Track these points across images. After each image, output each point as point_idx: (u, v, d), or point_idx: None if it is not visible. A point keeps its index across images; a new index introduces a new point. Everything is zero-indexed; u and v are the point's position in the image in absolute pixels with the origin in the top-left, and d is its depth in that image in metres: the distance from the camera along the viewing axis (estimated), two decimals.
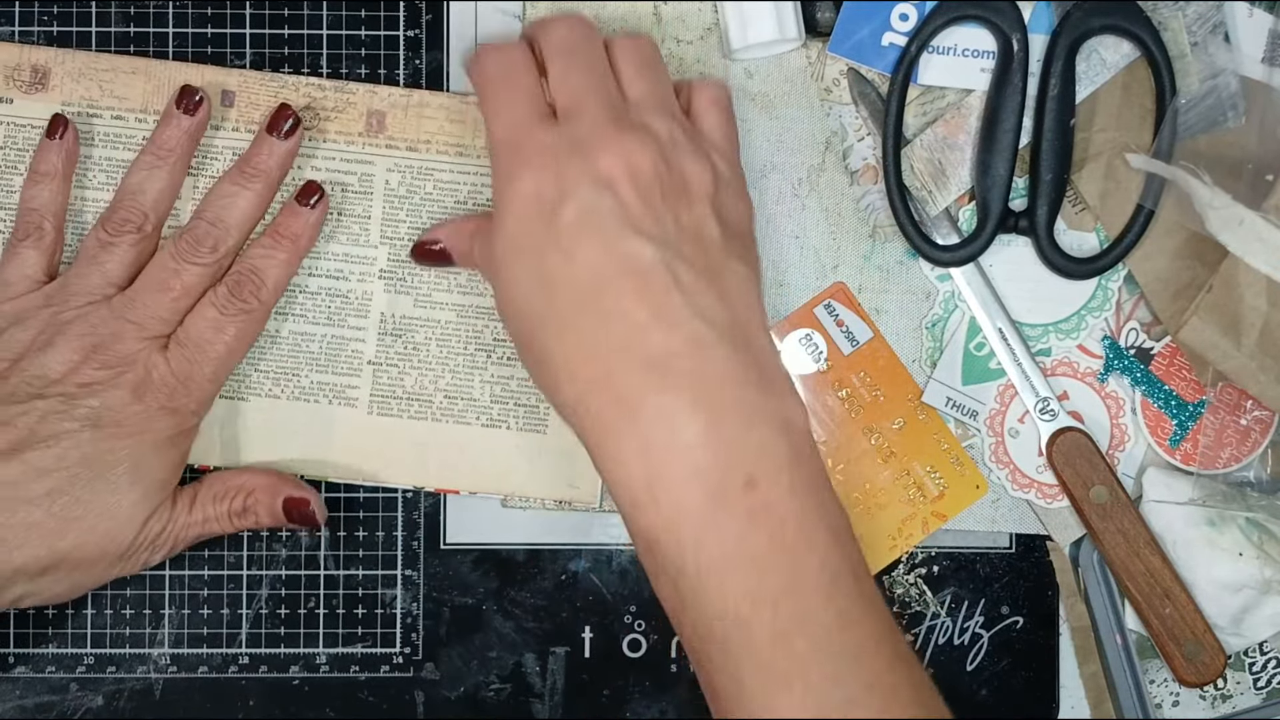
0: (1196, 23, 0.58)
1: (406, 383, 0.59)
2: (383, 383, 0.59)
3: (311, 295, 0.59)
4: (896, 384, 0.60)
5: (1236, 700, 0.61)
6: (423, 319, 0.59)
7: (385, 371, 0.59)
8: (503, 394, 0.59)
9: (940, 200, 0.60)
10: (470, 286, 0.59)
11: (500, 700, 0.61)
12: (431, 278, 0.59)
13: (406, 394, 0.59)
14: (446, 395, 0.59)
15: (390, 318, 0.59)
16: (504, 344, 0.59)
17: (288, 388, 0.59)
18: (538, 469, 0.59)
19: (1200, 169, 0.56)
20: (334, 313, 0.59)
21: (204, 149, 0.59)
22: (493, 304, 0.54)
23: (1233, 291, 0.56)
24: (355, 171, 0.59)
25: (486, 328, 0.59)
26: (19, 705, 0.60)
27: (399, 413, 0.59)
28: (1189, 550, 0.58)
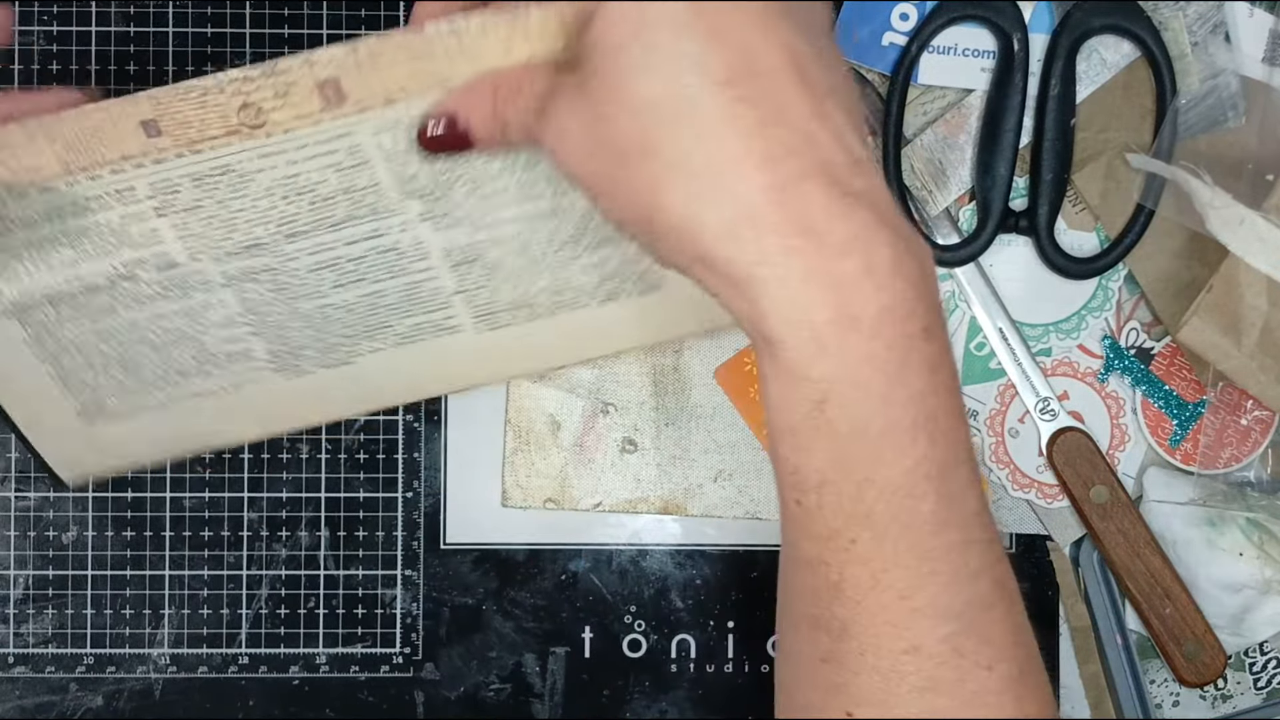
0: (1197, 23, 0.58)
1: (502, 297, 0.55)
2: (479, 304, 0.55)
3: (359, 260, 0.53)
4: None
5: (1236, 700, 0.61)
6: (489, 240, 0.53)
7: (475, 295, 0.55)
8: (606, 273, 0.54)
9: (940, 200, 0.60)
10: (524, 195, 0.52)
11: (500, 700, 0.61)
12: (479, 202, 0.52)
13: (508, 305, 0.55)
14: (550, 292, 0.55)
15: (454, 250, 0.53)
16: (585, 233, 0.53)
17: (387, 339, 0.56)
18: (672, 316, 0.55)
19: (1200, 169, 0.56)
20: (392, 266, 0.54)
21: (164, 184, 0.51)
22: (559, 203, 0.49)
23: (1233, 291, 0.56)
24: (338, 149, 0.50)
25: (559, 226, 0.53)
26: (19, 705, 0.60)
27: (509, 322, 0.56)
28: (1189, 550, 0.59)
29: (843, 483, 0.41)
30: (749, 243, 0.39)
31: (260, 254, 0.54)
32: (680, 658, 0.61)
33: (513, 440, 0.61)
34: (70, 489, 0.60)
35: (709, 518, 0.61)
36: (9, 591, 0.60)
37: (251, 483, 0.61)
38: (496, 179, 0.52)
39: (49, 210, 0.52)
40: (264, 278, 0.54)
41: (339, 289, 0.55)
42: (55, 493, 0.60)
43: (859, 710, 0.42)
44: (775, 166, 0.39)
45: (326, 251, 0.54)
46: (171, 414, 0.57)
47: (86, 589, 0.60)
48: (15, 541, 0.60)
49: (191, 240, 0.53)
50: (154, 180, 0.51)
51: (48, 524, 0.60)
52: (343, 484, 0.61)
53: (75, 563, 0.60)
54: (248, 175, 0.51)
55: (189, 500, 0.61)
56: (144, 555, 0.61)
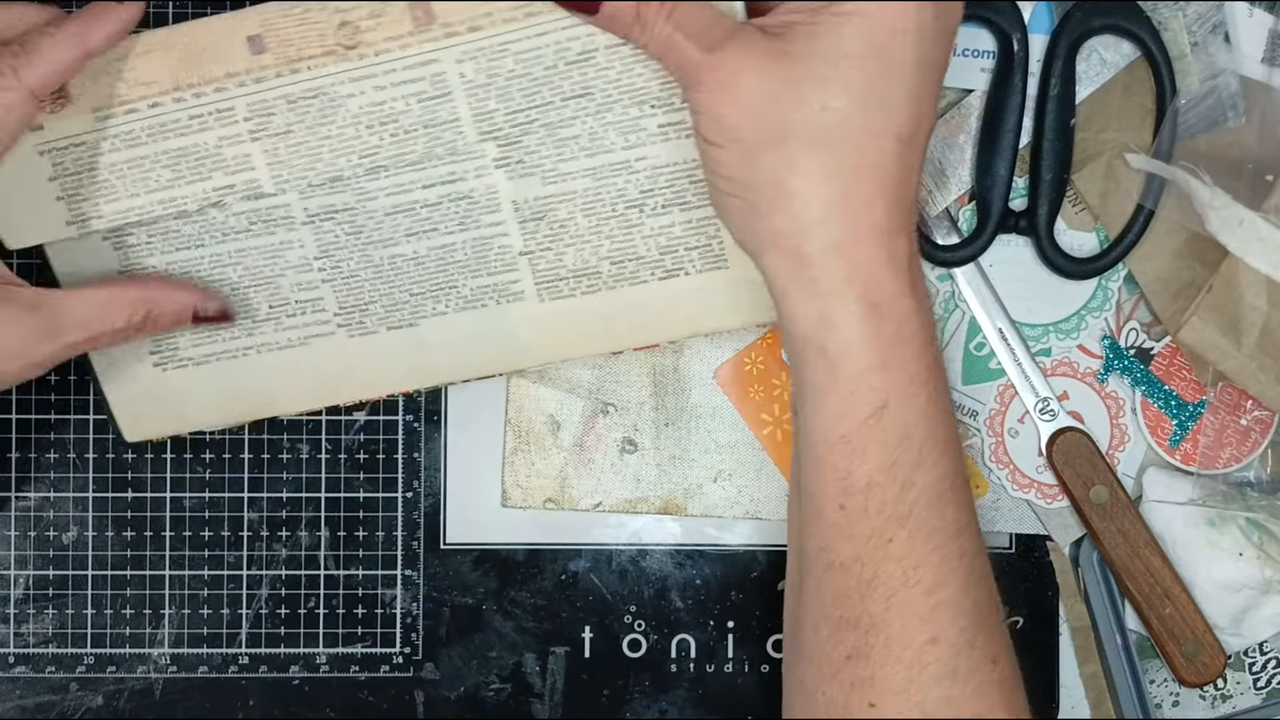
0: (1196, 23, 0.58)
1: (567, 261, 0.56)
2: (542, 268, 0.56)
3: (434, 207, 0.55)
4: None
5: (1236, 700, 0.61)
6: (558, 194, 0.55)
7: (540, 258, 0.56)
8: (669, 243, 0.56)
9: (940, 200, 0.60)
10: (595, 145, 0.54)
11: (500, 700, 0.61)
12: (552, 149, 0.54)
13: (571, 272, 0.56)
14: (612, 261, 0.56)
15: (524, 203, 0.55)
16: (652, 193, 0.55)
17: (452, 301, 0.57)
18: (731, 302, 0.56)
19: (1200, 169, 0.56)
20: (464, 216, 0.56)
21: (260, 105, 0.54)
22: (628, 157, 0.54)
23: (1233, 291, 0.56)
24: (423, 76, 0.53)
25: (629, 181, 0.55)
26: (19, 705, 0.60)
27: (570, 292, 0.57)
28: (1189, 550, 0.59)
29: (889, 485, 0.47)
30: (843, 265, 0.46)
31: (341, 190, 0.55)
32: (680, 658, 0.61)
33: (513, 440, 0.61)
34: (128, 445, 0.59)
35: (709, 518, 0.61)
36: (9, 591, 0.60)
37: (251, 483, 0.61)
38: (570, 125, 0.54)
39: (153, 128, 0.54)
40: (342, 218, 0.56)
41: (411, 237, 0.56)
42: (55, 493, 0.60)
43: (881, 700, 0.47)
44: (893, 216, 0.46)
45: (404, 194, 0.55)
46: (239, 368, 0.58)
47: (87, 589, 0.61)
48: (15, 541, 0.60)
49: (280, 168, 0.55)
50: (252, 101, 0.54)
51: (48, 524, 0.60)
52: (343, 484, 0.61)
53: (75, 563, 0.60)
54: (338, 100, 0.54)
55: (189, 500, 0.61)
56: (144, 555, 0.61)
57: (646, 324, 0.57)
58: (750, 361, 0.60)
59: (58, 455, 0.60)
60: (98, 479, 0.60)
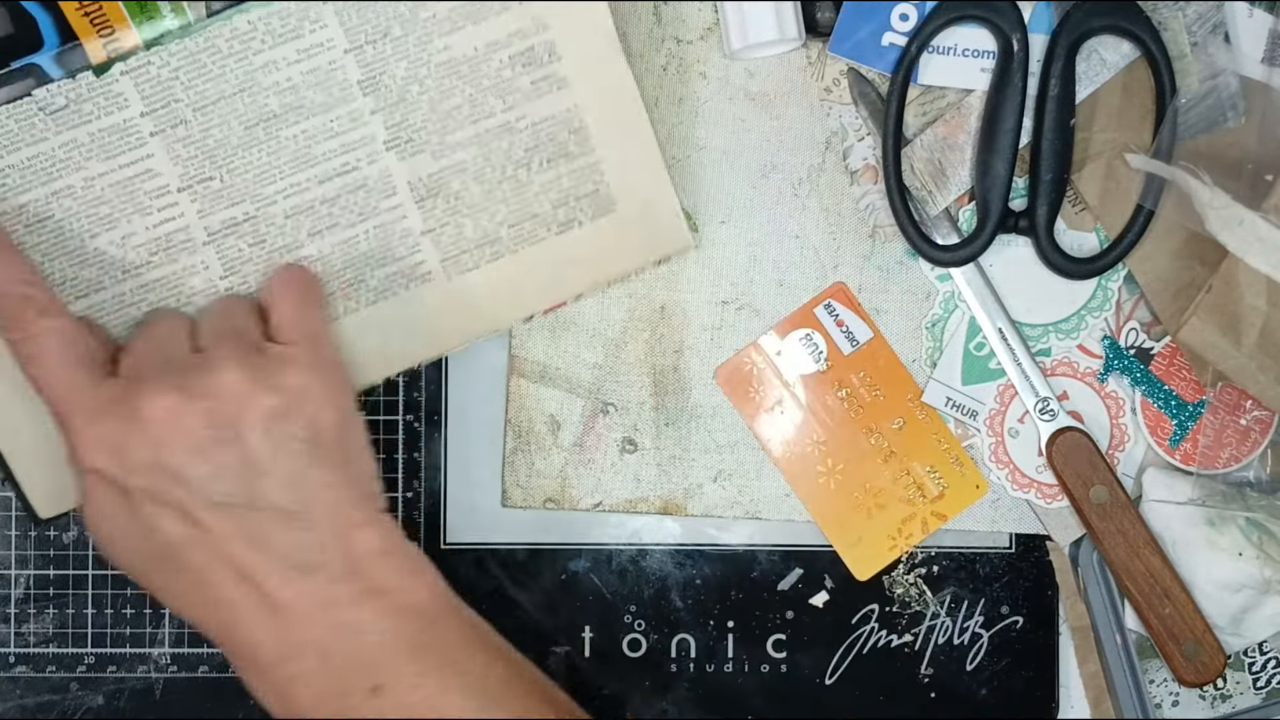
0: (1196, 23, 0.58)
1: (467, 233, 0.57)
2: (445, 244, 0.57)
3: (332, 201, 0.56)
4: (896, 384, 0.60)
5: (1236, 700, 0.61)
6: (450, 166, 0.56)
7: (441, 233, 0.57)
8: (560, 196, 0.57)
9: (940, 200, 0.60)
10: (476, 112, 0.56)
11: None
12: (437, 123, 0.56)
13: (473, 243, 0.57)
14: (510, 225, 0.57)
15: (418, 181, 0.56)
16: (536, 149, 0.56)
17: (363, 296, 0.57)
18: (626, 244, 0.58)
19: (1200, 169, 0.56)
20: (363, 206, 0.56)
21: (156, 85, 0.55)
22: (509, 118, 0.55)
23: (1232, 291, 0.56)
24: (301, 32, 0.54)
25: (513, 142, 0.56)
26: (19, 705, 0.60)
27: (475, 264, 0.57)
28: (1189, 550, 0.59)
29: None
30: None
31: (240, 200, 0.56)
32: (680, 657, 0.61)
33: (512, 440, 0.61)
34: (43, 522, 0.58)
35: (709, 518, 0.61)
36: (9, 591, 0.60)
37: None
38: (450, 95, 0.55)
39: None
40: (244, 229, 0.56)
41: (314, 237, 0.56)
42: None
43: None
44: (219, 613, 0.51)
45: (301, 194, 0.56)
46: None
47: (87, 589, 0.61)
48: (15, 541, 0.60)
49: (182, 166, 0.55)
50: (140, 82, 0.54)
51: (48, 524, 0.60)
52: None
53: (76, 562, 0.60)
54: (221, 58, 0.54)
55: None
56: None
57: (552, 282, 0.58)
58: (750, 362, 0.60)
59: None
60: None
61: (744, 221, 0.60)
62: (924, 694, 0.61)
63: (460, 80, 0.55)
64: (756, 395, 0.60)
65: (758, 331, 0.60)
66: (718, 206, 0.60)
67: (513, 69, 0.55)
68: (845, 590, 0.61)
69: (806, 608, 0.61)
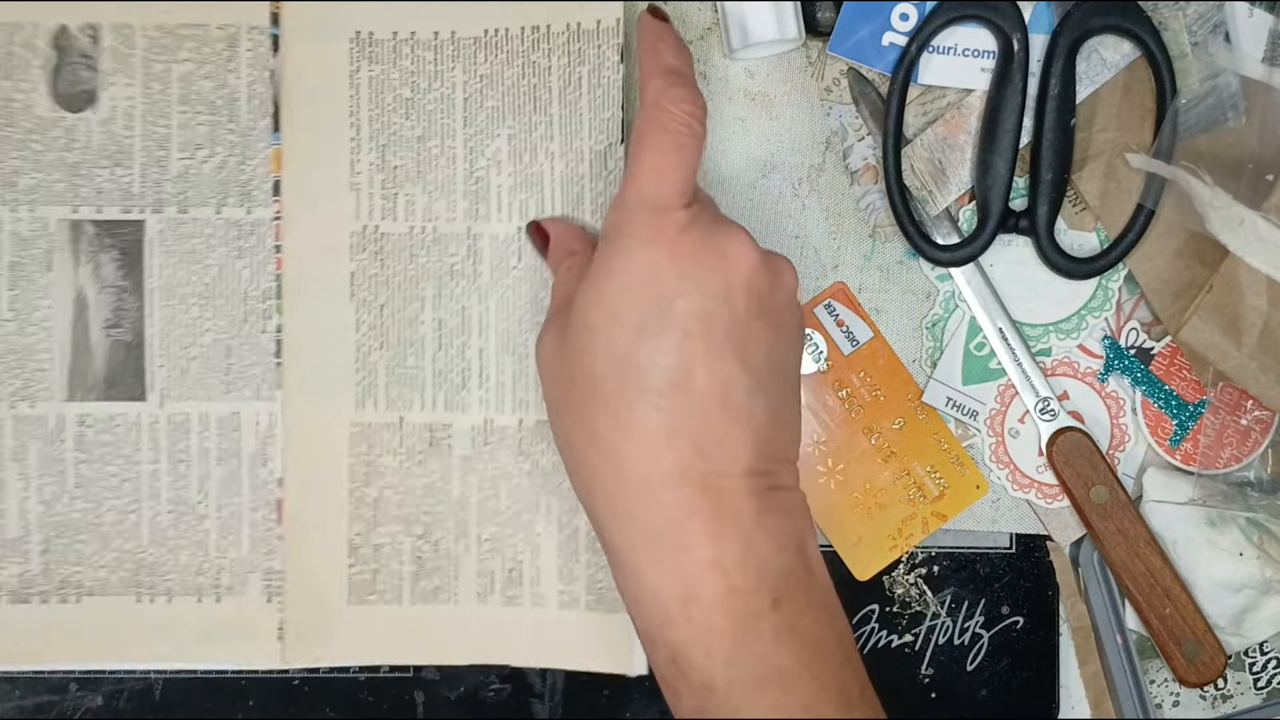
0: (1197, 22, 0.58)
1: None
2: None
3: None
4: (896, 384, 0.60)
5: (1236, 700, 0.61)
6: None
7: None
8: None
9: (940, 200, 0.60)
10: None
11: (500, 700, 0.61)
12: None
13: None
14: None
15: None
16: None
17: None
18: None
19: (1200, 169, 0.56)
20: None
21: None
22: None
23: (1233, 291, 0.56)
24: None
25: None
26: (19, 705, 0.60)
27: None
28: (1189, 550, 0.59)
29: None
30: (621, 532, 0.48)
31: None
32: None
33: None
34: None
35: None
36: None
37: None
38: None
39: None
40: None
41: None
42: None
43: None
44: (653, 468, 0.47)
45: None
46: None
47: None
48: None
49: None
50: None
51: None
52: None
53: None
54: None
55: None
56: None
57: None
58: None
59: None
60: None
61: (744, 221, 0.60)
62: (924, 694, 0.61)
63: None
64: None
65: None
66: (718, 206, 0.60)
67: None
68: (845, 590, 0.61)
69: None
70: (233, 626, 0.58)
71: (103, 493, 0.58)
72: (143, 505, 0.58)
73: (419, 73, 0.58)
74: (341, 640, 0.58)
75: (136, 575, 0.58)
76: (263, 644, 0.58)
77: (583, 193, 0.57)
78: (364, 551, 0.58)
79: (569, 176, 0.57)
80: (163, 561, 0.58)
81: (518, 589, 0.58)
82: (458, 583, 0.58)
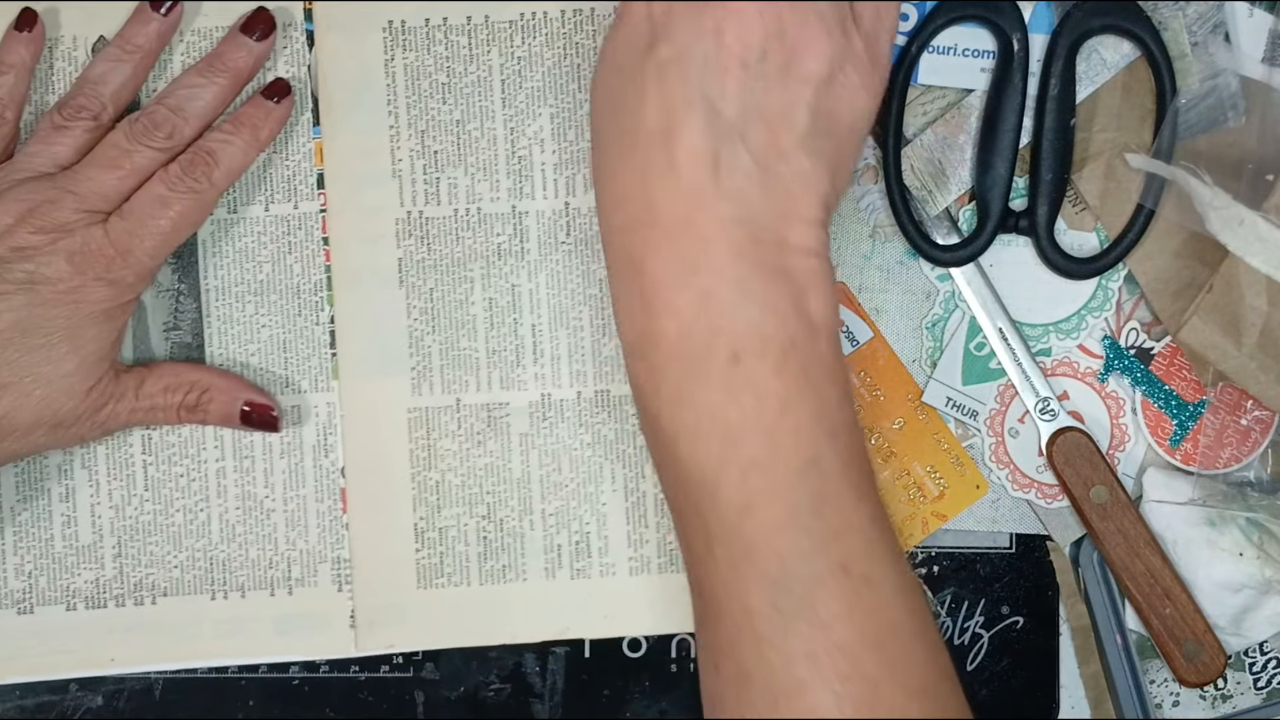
0: (1197, 22, 0.58)
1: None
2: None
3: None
4: (896, 384, 0.60)
5: (1236, 700, 0.61)
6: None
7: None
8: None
9: (940, 200, 0.60)
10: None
11: (500, 700, 0.61)
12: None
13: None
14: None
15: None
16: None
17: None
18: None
19: (1200, 169, 0.56)
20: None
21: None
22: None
23: (1233, 291, 0.56)
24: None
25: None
26: (19, 705, 0.60)
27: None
28: (1189, 550, 0.58)
29: (661, 468, 0.50)
30: (609, 253, 0.50)
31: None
32: (680, 658, 0.61)
33: None
34: None
35: None
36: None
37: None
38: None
39: None
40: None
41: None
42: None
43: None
44: (629, 206, 0.49)
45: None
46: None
47: None
48: None
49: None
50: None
51: None
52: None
53: None
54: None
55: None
56: None
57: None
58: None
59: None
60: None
61: None
62: None
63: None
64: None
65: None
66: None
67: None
68: None
69: None
70: (306, 618, 0.59)
71: (172, 493, 0.59)
72: (211, 503, 0.59)
73: (454, 57, 0.58)
74: (413, 625, 0.59)
75: (209, 573, 0.59)
76: (336, 633, 0.59)
77: None
78: (430, 535, 0.58)
79: None
80: (234, 558, 0.59)
81: (585, 560, 0.58)
82: (525, 560, 0.58)
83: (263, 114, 0.57)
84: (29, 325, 0.53)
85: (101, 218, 0.55)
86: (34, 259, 0.53)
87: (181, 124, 0.56)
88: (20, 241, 0.54)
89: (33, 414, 0.54)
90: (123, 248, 0.54)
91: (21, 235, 0.54)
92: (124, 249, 0.54)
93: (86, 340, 0.54)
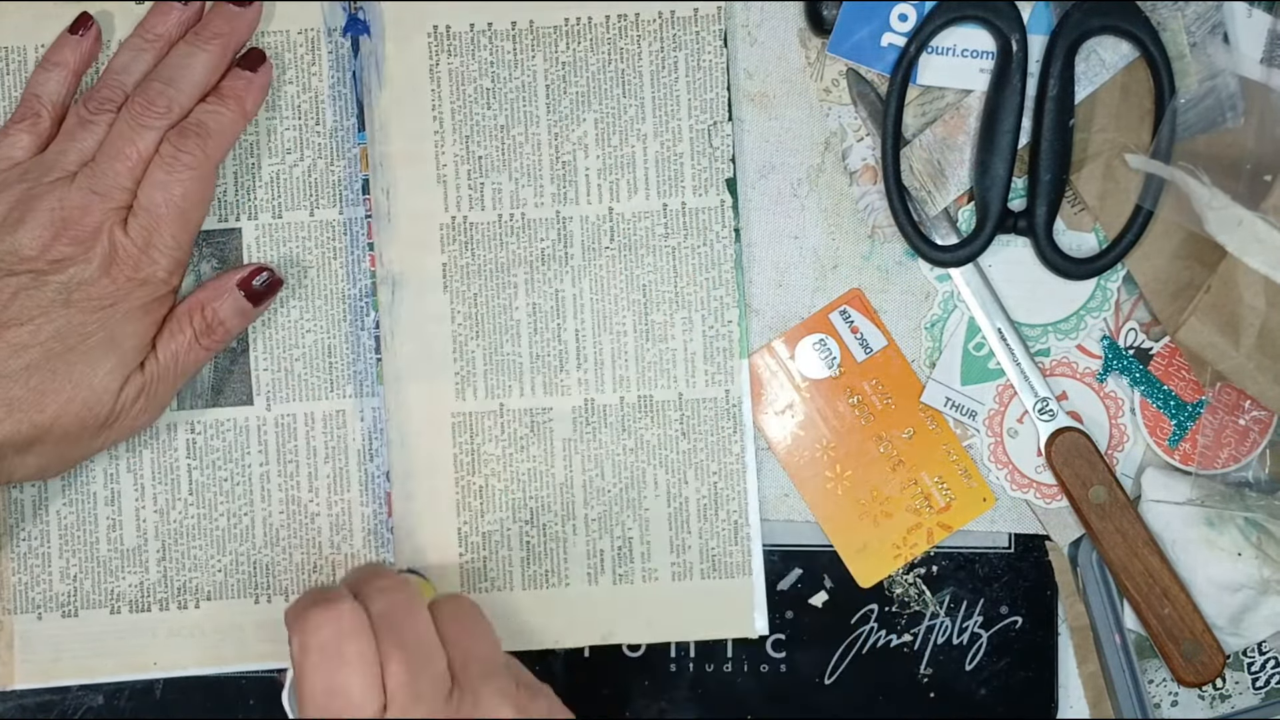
0: (1196, 23, 0.58)
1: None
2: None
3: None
4: (908, 393, 0.60)
5: (1235, 700, 0.61)
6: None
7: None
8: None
9: (939, 200, 0.60)
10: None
11: None
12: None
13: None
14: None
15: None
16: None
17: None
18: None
19: (1199, 169, 0.56)
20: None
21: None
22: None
23: (1231, 292, 0.56)
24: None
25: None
26: (19, 705, 0.60)
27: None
28: (1188, 550, 0.59)
29: None
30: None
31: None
32: (680, 658, 0.61)
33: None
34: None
35: None
36: None
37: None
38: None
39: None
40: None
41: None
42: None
43: None
44: None
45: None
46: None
47: None
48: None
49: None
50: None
51: None
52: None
53: None
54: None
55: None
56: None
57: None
58: (762, 364, 0.60)
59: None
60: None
61: (743, 221, 0.60)
62: (923, 694, 0.61)
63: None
64: (766, 397, 0.60)
65: (756, 332, 0.60)
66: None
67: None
68: (844, 590, 0.61)
69: (806, 607, 0.61)
70: None
71: (216, 497, 0.59)
72: (255, 507, 0.59)
73: (498, 63, 0.59)
74: None
75: (253, 577, 0.59)
76: None
77: (682, 169, 0.58)
78: (473, 540, 0.59)
79: (664, 156, 0.59)
80: (278, 561, 0.59)
81: (628, 566, 0.59)
82: (567, 565, 0.59)
83: (243, 84, 0.57)
84: (68, 333, 0.54)
85: (123, 216, 0.55)
86: (68, 269, 0.54)
87: (176, 96, 0.56)
88: (58, 254, 0.54)
89: (77, 419, 0.54)
90: (144, 243, 0.55)
91: (59, 248, 0.54)
92: (145, 244, 0.55)
93: (123, 338, 0.55)
